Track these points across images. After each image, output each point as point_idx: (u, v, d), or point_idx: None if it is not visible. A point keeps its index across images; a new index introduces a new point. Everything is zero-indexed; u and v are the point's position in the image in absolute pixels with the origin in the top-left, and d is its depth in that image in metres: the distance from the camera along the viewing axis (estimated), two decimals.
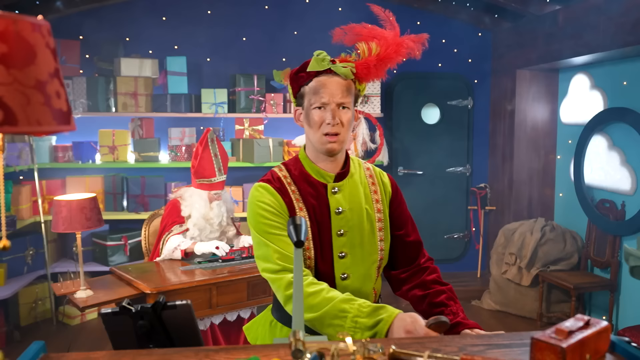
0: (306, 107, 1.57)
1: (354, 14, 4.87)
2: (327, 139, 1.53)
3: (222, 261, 2.95)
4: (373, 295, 1.66)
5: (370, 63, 1.54)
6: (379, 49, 1.55)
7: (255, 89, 4.48)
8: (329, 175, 1.60)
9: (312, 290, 1.45)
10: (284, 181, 1.60)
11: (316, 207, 1.58)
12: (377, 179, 1.69)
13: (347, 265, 1.59)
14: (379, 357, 1.05)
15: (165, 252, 3.00)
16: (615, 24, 3.46)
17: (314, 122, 1.54)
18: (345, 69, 1.54)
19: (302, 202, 1.58)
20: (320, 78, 1.54)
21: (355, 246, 1.60)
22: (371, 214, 1.63)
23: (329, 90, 1.52)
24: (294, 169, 1.63)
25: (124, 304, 1.24)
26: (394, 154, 5.02)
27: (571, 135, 4.56)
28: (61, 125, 0.84)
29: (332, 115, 1.52)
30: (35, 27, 0.82)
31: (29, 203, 4.14)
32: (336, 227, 1.58)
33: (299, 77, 1.59)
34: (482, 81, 5.18)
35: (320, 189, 1.60)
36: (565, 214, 4.66)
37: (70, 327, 4.09)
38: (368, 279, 1.62)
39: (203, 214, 3.07)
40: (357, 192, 1.62)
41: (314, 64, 1.55)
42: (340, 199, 1.59)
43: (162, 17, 4.65)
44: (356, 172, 1.66)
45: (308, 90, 1.56)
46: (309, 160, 1.62)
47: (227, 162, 3.20)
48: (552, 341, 0.99)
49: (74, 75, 4.36)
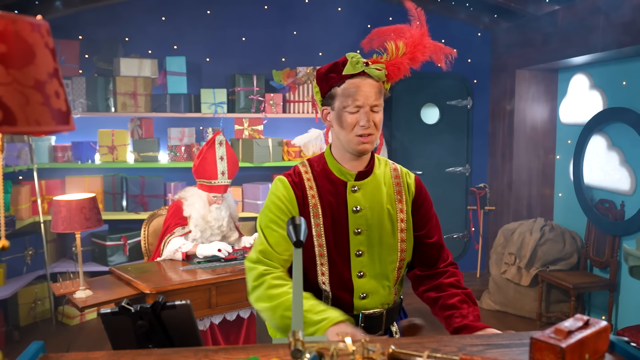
0: (338, 109, 1.56)
1: (354, 14, 4.90)
2: (361, 140, 1.54)
3: (224, 261, 2.95)
4: (393, 296, 1.66)
5: (401, 64, 1.55)
6: (406, 48, 1.56)
7: (255, 89, 4.48)
8: (350, 173, 1.60)
9: (276, 282, 1.50)
10: (304, 176, 1.62)
11: (333, 204, 1.59)
12: (402, 179, 1.69)
13: (363, 263, 1.59)
14: (379, 357, 1.05)
15: (166, 253, 2.99)
16: (615, 24, 3.46)
17: (347, 123, 1.54)
18: (380, 72, 1.54)
19: (317, 197, 1.59)
20: (353, 80, 1.53)
21: (374, 245, 1.60)
22: (393, 214, 1.63)
23: (363, 93, 1.52)
24: (316, 165, 1.64)
25: (123, 304, 1.24)
26: (394, 154, 5.02)
27: (570, 135, 4.56)
28: (60, 125, 0.84)
29: (366, 118, 1.52)
30: (34, 27, 0.82)
31: (28, 203, 4.13)
32: (353, 225, 1.58)
33: (329, 77, 1.57)
34: (482, 81, 5.18)
35: (339, 186, 1.60)
36: (564, 214, 4.67)
37: (70, 327, 4.09)
38: (386, 278, 1.62)
39: (202, 214, 3.06)
40: (378, 191, 1.62)
41: (349, 68, 1.53)
42: (359, 198, 1.59)
43: (161, 17, 4.65)
44: (380, 171, 1.66)
45: (340, 92, 1.55)
46: (332, 158, 1.63)
47: (235, 167, 3.14)
48: (552, 341, 0.99)
49: (73, 75, 4.35)
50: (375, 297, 1.61)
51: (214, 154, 3.05)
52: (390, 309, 1.65)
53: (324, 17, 4.80)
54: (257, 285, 1.52)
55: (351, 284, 1.59)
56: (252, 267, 1.56)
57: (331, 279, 1.59)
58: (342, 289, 1.59)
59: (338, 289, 1.58)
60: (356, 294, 1.59)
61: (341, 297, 1.59)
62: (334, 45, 4.75)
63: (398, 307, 1.71)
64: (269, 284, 1.49)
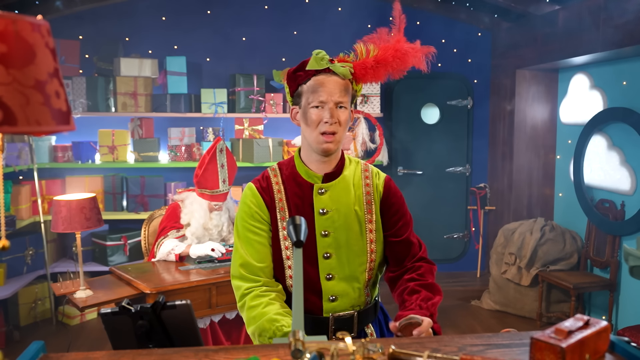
0: (304, 106, 1.57)
1: (354, 14, 4.90)
2: (324, 139, 1.54)
3: (217, 262, 2.94)
4: (365, 298, 1.64)
5: (368, 64, 1.55)
6: (377, 51, 1.56)
7: (255, 88, 4.48)
8: (317, 176, 1.61)
9: (253, 303, 1.52)
10: (272, 180, 1.63)
11: (299, 207, 1.59)
12: (372, 180, 1.68)
13: (332, 265, 1.59)
14: (379, 357, 1.05)
15: (159, 255, 2.98)
16: (615, 24, 3.46)
17: (311, 120, 1.54)
18: (344, 69, 1.54)
19: (284, 201, 1.60)
20: (318, 77, 1.54)
21: (341, 247, 1.59)
22: (360, 215, 1.62)
23: (327, 89, 1.53)
24: (285, 169, 1.65)
25: (123, 304, 1.24)
26: (394, 154, 5.02)
27: (571, 135, 4.56)
28: (60, 125, 0.84)
29: (330, 114, 1.52)
30: (34, 27, 0.82)
31: (28, 203, 4.14)
32: (320, 227, 1.58)
33: (297, 75, 1.59)
34: (482, 81, 5.18)
35: (306, 189, 1.61)
36: (564, 214, 4.66)
37: (70, 327, 4.09)
38: (355, 280, 1.61)
39: (202, 223, 3.03)
40: (346, 193, 1.62)
41: (313, 63, 1.55)
42: (326, 200, 1.59)
43: (162, 17, 4.65)
44: (350, 172, 1.65)
45: (306, 89, 1.56)
46: (300, 161, 1.63)
47: (234, 172, 3.12)
48: (552, 341, 0.99)
49: (73, 75, 4.35)
50: (345, 299, 1.60)
51: (216, 163, 3.01)
52: (361, 311, 1.64)
53: (324, 17, 4.80)
54: (241, 307, 1.56)
55: (319, 287, 1.59)
56: (236, 287, 1.59)
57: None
58: (311, 292, 1.58)
59: (307, 291, 1.57)
60: (325, 296, 1.59)
61: (310, 300, 1.59)
62: (334, 45, 4.74)
63: (372, 309, 1.70)
64: (248, 305, 1.53)
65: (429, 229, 4.95)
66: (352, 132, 4.68)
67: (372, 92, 4.74)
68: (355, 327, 1.63)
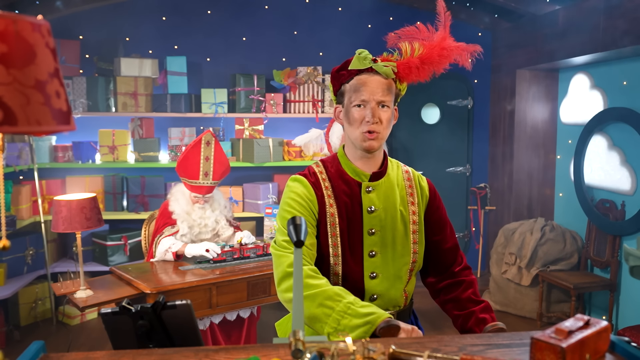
0: (346, 105, 1.58)
1: (355, 14, 4.90)
2: (367, 136, 1.54)
3: (213, 262, 2.93)
4: (403, 299, 1.65)
5: (412, 64, 1.55)
6: (422, 50, 1.56)
7: (255, 88, 4.48)
8: (364, 174, 1.60)
9: (313, 274, 1.47)
10: (319, 176, 1.62)
11: (348, 205, 1.59)
12: (415, 182, 1.69)
13: (376, 264, 1.59)
14: (379, 357, 1.05)
15: (157, 254, 2.99)
16: (615, 24, 3.46)
17: (353, 119, 1.55)
18: (387, 68, 1.54)
19: (333, 198, 1.59)
20: (361, 76, 1.54)
21: (387, 246, 1.60)
22: (405, 216, 1.63)
23: (369, 88, 1.53)
24: (330, 166, 1.64)
25: (123, 304, 1.24)
26: (394, 154, 5.02)
27: (571, 135, 4.56)
28: (61, 125, 0.84)
29: (372, 113, 1.52)
30: (35, 26, 0.82)
31: (28, 203, 4.14)
32: (368, 225, 1.58)
33: (340, 75, 1.59)
34: (482, 81, 5.18)
35: (354, 187, 1.60)
36: (565, 214, 4.66)
37: (70, 327, 4.09)
38: (398, 280, 1.62)
39: (185, 210, 3.04)
40: (392, 192, 1.62)
41: (356, 62, 1.55)
42: (373, 198, 1.59)
43: (162, 17, 4.65)
44: (393, 173, 1.66)
45: (349, 88, 1.57)
46: (346, 159, 1.63)
47: (222, 168, 3.07)
48: (552, 341, 0.99)
49: (73, 75, 4.35)
50: (386, 298, 1.60)
51: (198, 153, 3.00)
52: (401, 311, 1.65)
53: (324, 17, 4.80)
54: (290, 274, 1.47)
55: (362, 285, 1.58)
56: (284, 254, 1.51)
57: (343, 279, 1.58)
58: (353, 291, 1.57)
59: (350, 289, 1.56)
60: (366, 295, 1.59)
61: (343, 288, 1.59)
62: (335, 45, 4.75)
63: (408, 311, 1.70)
64: (306, 273, 1.46)
65: None
66: None
67: None
68: None
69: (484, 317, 1.56)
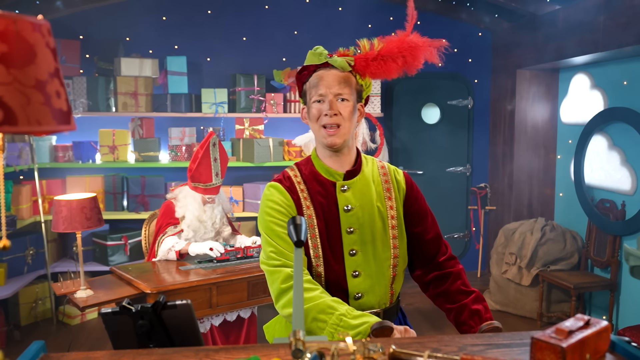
0: (308, 103, 1.59)
1: (355, 13, 4.90)
2: (326, 132, 1.54)
3: (216, 262, 2.94)
4: (389, 296, 1.65)
5: (370, 56, 1.55)
6: (381, 45, 1.56)
7: (256, 88, 4.48)
8: (338, 173, 1.61)
9: (307, 286, 1.48)
10: (294, 180, 1.62)
11: (324, 205, 1.59)
12: (391, 176, 1.68)
13: (358, 262, 1.59)
14: (379, 357, 1.05)
15: (160, 253, 2.99)
16: (615, 24, 3.46)
17: (312, 115, 1.56)
18: (341, 61, 1.55)
19: (309, 200, 1.59)
20: (318, 72, 1.57)
21: (367, 243, 1.60)
22: (383, 211, 1.63)
23: (325, 82, 1.54)
24: (304, 169, 1.65)
25: (124, 304, 1.24)
26: (394, 154, 5.02)
27: (571, 135, 4.56)
28: (61, 125, 0.84)
29: (329, 106, 1.53)
30: (35, 26, 0.82)
31: (29, 203, 4.14)
32: (345, 224, 1.58)
33: (301, 75, 1.62)
34: (482, 81, 5.18)
35: (329, 187, 1.61)
36: (565, 214, 4.66)
37: (70, 327, 4.09)
38: (381, 277, 1.62)
39: (197, 215, 3.05)
40: (368, 189, 1.62)
41: (312, 58, 1.58)
42: (349, 197, 1.59)
43: (162, 17, 4.65)
44: (368, 169, 1.66)
45: (309, 86, 1.59)
46: (319, 160, 1.63)
47: (226, 164, 3.15)
48: (552, 341, 0.99)
49: (74, 75, 4.35)
50: (371, 296, 1.60)
51: (209, 157, 3.04)
52: (387, 309, 1.65)
53: (324, 16, 4.80)
54: (287, 289, 1.48)
55: (345, 284, 1.58)
56: (276, 270, 1.51)
57: (326, 279, 1.58)
58: (337, 290, 1.58)
59: (333, 289, 1.58)
60: (351, 294, 1.59)
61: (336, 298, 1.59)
62: (335, 45, 4.74)
63: (395, 307, 1.70)
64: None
65: None
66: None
67: (372, 92, 4.73)
68: None
69: (477, 309, 1.57)
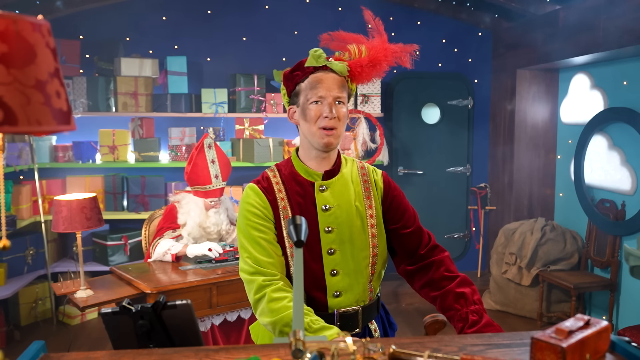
0: (302, 103, 1.60)
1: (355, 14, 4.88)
2: (324, 133, 1.57)
3: (215, 262, 2.93)
4: (368, 293, 1.66)
5: (363, 63, 1.60)
6: (369, 52, 1.62)
7: (256, 88, 4.48)
8: (316, 173, 1.63)
9: (276, 296, 1.49)
10: (272, 180, 1.65)
11: (302, 205, 1.61)
12: (370, 176, 1.71)
13: (336, 261, 1.61)
14: (379, 357, 1.05)
15: (155, 255, 2.97)
16: (615, 24, 3.46)
17: (310, 116, 1.57)
18: (342, 66, 1.59)
19: (287, 200, 1.62)
20: (316, 74, 1.59)
21: (345, 242, 1.62)
22: (362, 211, 1.65)
23: (325, 85, 1.57)
24: (284, 169, 1.67)
25: (124, 304, 1.24)
26: (394, 154, 5.02)
27: (571, 135, 4.56)
28: (61, 125, 0.84)
29: (329, 109, 1.55)
30: (35, 26, 0.82)
31: (29, 203, 4.14)
32: (323, 224, 1.61)
33: (294, 75, 1.63)
34: (482, 81, 5.18)
35: (307, 187, 1.63)
36: (565, 214, 4.66)
37: (71, 327, 4.09)
38: (360, 275, 1.63)
39: (198, 222, 3.02)
40: (346, 189, 1.65)
41: (312, 60, 1.60)
42: (327, 197, 1.62)
43: (162, 17, 4.65)
44: (347, 170, 1.69)
45: (304, 87, 1.60)
46: (298, 160, 1.66)
47: (228, 168, 3.11)
48: (552, 341, 0.99)
49: (74, 75, 4.35)
50: (350, 294, 1.62)
51: (205, 158, 3.01)
52: (365, 306, 1.66)
53: (325, 16, 4.80)
54: (259, 299, 1.52)
55: (324, 283, 1.60)
56: (250, 280, 1.55)
57: (305, 278, 1.59)
58: (316, 288, 1.60)
59: (311, 288, 1.60)
60: (329, 292, 1.61)
61: (315, 296, 1.61)
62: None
63: (375, 305, 1.72)
64: (269, 297, 1.49)
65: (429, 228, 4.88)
66: (353, 132, 4.68)
67: (372, 92, 4.74)
68: (360, 323, 1.65)
69: (462, 291, 1.56)
